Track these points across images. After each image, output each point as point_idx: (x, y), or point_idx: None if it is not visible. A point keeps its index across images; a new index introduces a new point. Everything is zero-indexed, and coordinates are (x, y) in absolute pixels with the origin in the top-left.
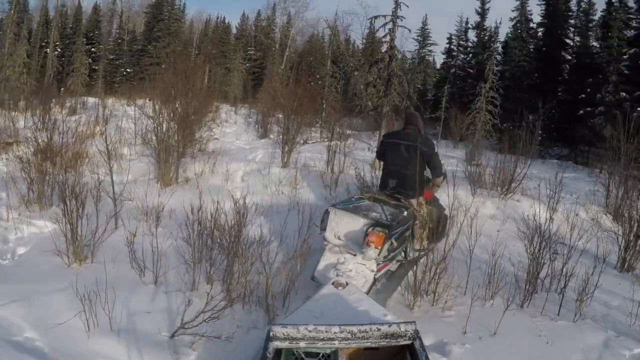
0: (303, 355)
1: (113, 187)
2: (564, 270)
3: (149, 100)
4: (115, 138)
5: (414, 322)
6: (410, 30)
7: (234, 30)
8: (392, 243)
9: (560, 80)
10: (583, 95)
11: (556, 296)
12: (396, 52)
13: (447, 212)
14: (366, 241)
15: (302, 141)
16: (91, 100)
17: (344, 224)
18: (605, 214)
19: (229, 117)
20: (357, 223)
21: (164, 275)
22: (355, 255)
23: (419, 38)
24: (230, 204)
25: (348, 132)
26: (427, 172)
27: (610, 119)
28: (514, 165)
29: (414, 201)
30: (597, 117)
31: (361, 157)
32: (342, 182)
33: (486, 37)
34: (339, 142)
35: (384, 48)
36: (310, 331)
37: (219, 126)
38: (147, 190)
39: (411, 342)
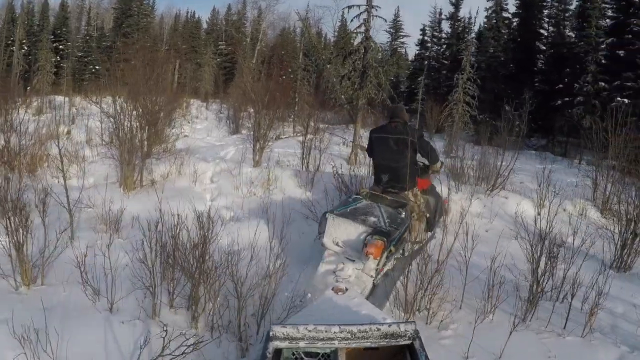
0: (303, 355)
1: (67, 195)
2: (569, 277)
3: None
4: (78, 138)
5: (414, 322)
6: (386, 20)
7: (205, 25)
8: (390, 250)
9: (537, 70)
10: (560, 86)
11: (558, 305)
12: (371, 43)
13: (443, 199)
14: (365, 252)
15: (275, 137)
16: (59, 98)
17: (342, 231)
18: (596, 209)
19: (200, 113)
20: (355, 230)
21: (121, 300)
22: (354, 261)
23: (392, 30)
24: (199, 209)
25: (321, 126)
26: (422, 160)
27: (589, 109)
28: (500, 160)
29: (408, 193)
30: (576, 107)
31: (337, 152)
32: (319, 180)
33: (460, 28)
34: (313, 137)
35: (358, 39)
36: (310, 331)
37: (189, 123)
38: (108, 196)
39: (411, 342)
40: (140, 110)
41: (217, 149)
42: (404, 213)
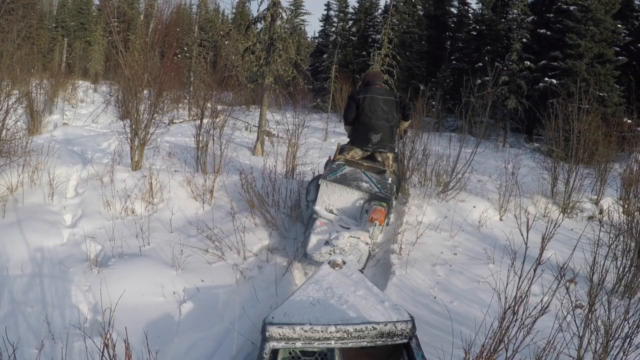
0: (300, 354)
1: None
2: None
3: None
4: None
5: (410, 320)
6: None
7: (96, 1)
8: (389, 217)
9: (455, 48)
10: (480, 64)
11: None
12: (280, 9)
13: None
14: (370, 218)
15: (168, 121)
16: None
17: (336, 197)
18: (556, 207)
19: (87, 96)
20: (350, 196)
21: None
22: (349, 228)
23: (292, 7)
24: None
25: (220, 107)
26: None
27: (514, 89)
28: (455, 152)
29: (390, 155)
30: (500, 87)
31: (239, 139)
32: (220, 187)
33: (368, 3)
34: (211, 122)
35: (264, 5)
36: (306, 331)
37: (73, 107)
38: None
39: (407, 340)
40: None
41: (99, 139)
42: (390, 179)
